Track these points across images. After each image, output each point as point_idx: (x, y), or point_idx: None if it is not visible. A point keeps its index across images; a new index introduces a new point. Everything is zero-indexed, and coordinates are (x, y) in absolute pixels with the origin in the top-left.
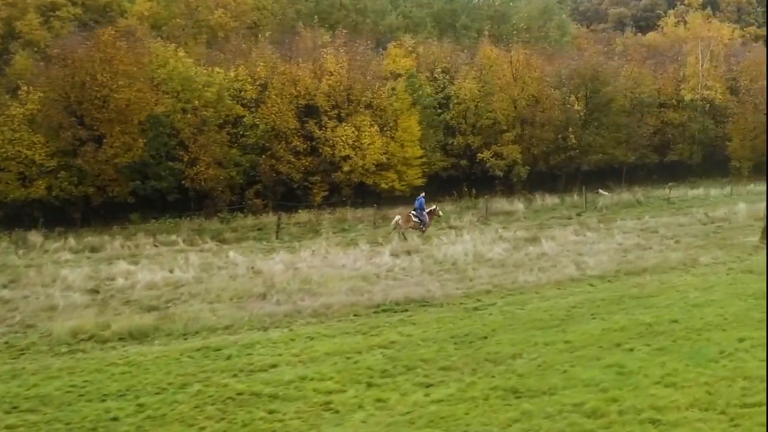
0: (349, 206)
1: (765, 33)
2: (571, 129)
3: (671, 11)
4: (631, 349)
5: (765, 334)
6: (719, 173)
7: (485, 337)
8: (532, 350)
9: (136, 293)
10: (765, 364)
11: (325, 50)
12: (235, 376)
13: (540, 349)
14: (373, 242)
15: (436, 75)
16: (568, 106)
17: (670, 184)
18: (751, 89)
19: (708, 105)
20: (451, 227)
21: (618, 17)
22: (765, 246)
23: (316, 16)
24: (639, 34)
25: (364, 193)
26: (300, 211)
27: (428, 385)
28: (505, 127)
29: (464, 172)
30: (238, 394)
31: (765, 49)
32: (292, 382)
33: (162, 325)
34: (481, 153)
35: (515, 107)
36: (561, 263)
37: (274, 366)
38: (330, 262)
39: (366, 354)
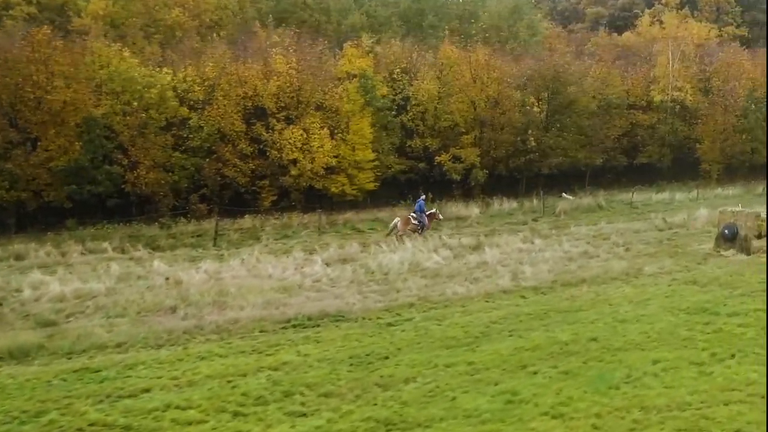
0: (299, 211)
1: (744, 33)
2: (530, 131)
3: (648, 11)
4: (535, 372)
5: (681, 354)
6: (689, 176)
7: (386, 357)
8: (429, 373)
9: (40, 306)
10: (668, 390)
11: (274, 50)
12: (99, 402)
13: (438, 371)
14: (311, 250)
15: (396, 76)
16: (528, 108)
17: (636, 187)
18: (723, 90)
19: (678, 106)
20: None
21: (595, 17)
22: (718, 254)
23: (270, 15)
24: (615, 34)
25: (315, 198)
26: (246, 216)
27: (301, 415)
28: (463, 130)
29: (424, 176)
30: (90, 424)
31: (739, 48)
32: (154, 410)
33: (48, 343)
34: (440, 156)
35: (475, 109)
36: (498, 273)
37: (146, 391)
38: (258, 271)
39: (250, 377)
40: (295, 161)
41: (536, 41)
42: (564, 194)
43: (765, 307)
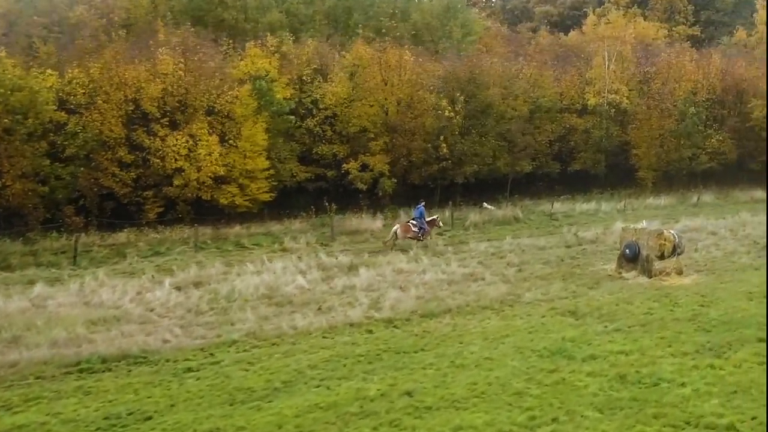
0: (185, 224)
1: (696, 32)
2: (442, 137)
3: (598, 10)
4: None
5: (496, 417)
6: (625, 184)
7: (149, 418)
8: None
9: None
10: None
11: (160, 50)
12: None
13: None
14: (169, 270)
15: (306, 77)
16: (439, 112)
17: (563, 197)
18: (661, 92)
19: (614, 110)
20: (284, 249)
21: (544, 16)
22: (619, 275)
23: (169, 13)
24: (561, 34)
25: (206, 210)
26: (126, 229)
27: None
28: (373, 135)
29: (335, 184)
30: None
31: (683, 48)
32: None
33: None
34: (347, 163)
35: (387, 114)
36: (358, 301)
37: None
38: (90, 297)
39: None
40: (180, 170)
41: (470, 41)
42: (486, 204)
43: (631, 347)
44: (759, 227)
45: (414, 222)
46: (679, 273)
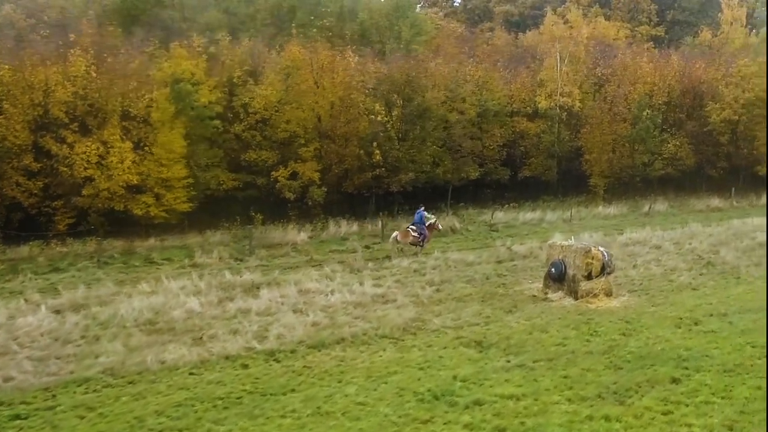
0: (99, 236)
1: (660, 33)
2: (375, 144)
3: (559, 9)
4: None
5: None
6: (578, 191)
7: None
8: None
9: None
10: None
11: (71, 51)
12: None
13: None
14: (52, 290)
15: (236, 80)
16: (372, 116)
17: (508, 205)
18: (615, 95)
19: (565, 113)
20: (194, 265)
21: (504, 15)
22: (545, 296)
23: (91, 12)
24: (521, 34)
25: (121, 221)
26: (32, 242)
27: None
28: (303, 141)
29: (268, 193)
30: None
31: (641, 49)
32: None
33: None
34: (276, 171)
35: (320, 120)
36: (244, 329)
37: None
38: None
39: None
40: (90, 179)
41: (420, 41)
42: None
43: (527, 389)
44: (707, 240)
45: (413, 227)
46: (608, 294)
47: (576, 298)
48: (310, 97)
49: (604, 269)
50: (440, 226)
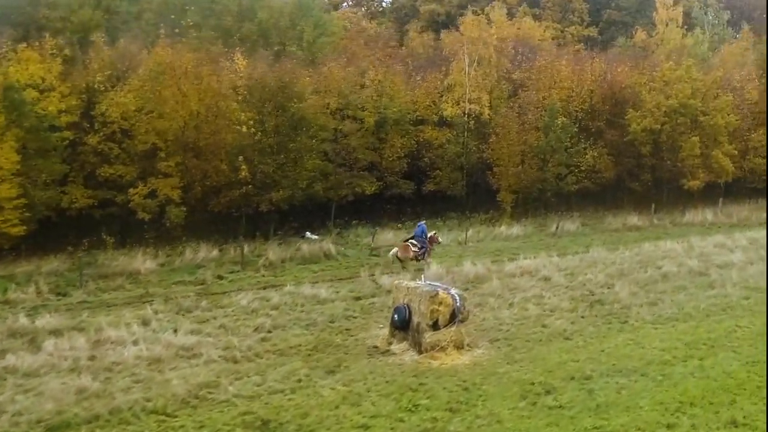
0: None
1: (592, 33)
2: (242, 158)
3: (487, 8)
4: None
5: None
6: (487, 207)
7: None
8: None
9: None
10: None
11: None
12: None
13: None
14: None
15: (98, 86)
16: (237, 127)
17: (401, 223)
18: (525, 101)
19: (473, 121)
20: (6, 302)
21: (431, 15)
22: (388, 348)
23: None
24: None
25: None
26: None
27: None
28: (164, 155)
29: (128, 212)
30: None
31: (554, 51)
32: None
33: None
34: (135, 187)
35: (183, 130)
36: None
37: None
38: None
39: None
40: None
41: (325, 43)
42: (308, 234)
43: None
44: (606, 270)
45: (413, 242)
46: (459, 347)
47: (419, 352)
48: (171, 105)
49: (455, 317)
50: (440, 239)
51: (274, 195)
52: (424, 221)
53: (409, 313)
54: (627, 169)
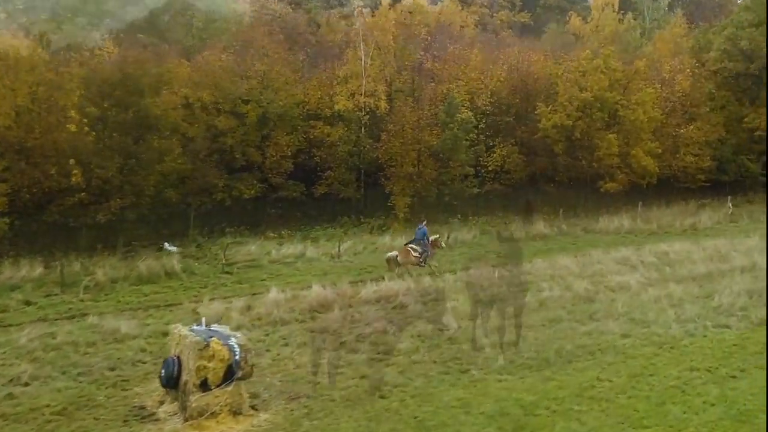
0: None
1: (525, 19)
2: (73, 161)
3: None
4: None
5: None
6: (387, 211)
7: None
8: None
9: None
10: None
11: None
12: None
13: None
14: None
15: None
16: (68, 126)
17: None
18: (422, 94)
19: (367, 117)
20: None
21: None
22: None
23: None
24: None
25: None
26: None
27: None
28: None
29: None
30: None
31: (469, 40)
32: None
33: None
34: None
35: (7, 129)
36: None
37: None
38: None
39: None
40: None
41: (219, 30)
42: (167, 245)
43: None
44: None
45: (413, 246)
46: (237, 412)
47: (185, 419)
48: None
49: (232, 373)
50: (443, 244)
51: (113, 203)
52: (425, 223)
53: (179, 367)
54: (539, 169)
